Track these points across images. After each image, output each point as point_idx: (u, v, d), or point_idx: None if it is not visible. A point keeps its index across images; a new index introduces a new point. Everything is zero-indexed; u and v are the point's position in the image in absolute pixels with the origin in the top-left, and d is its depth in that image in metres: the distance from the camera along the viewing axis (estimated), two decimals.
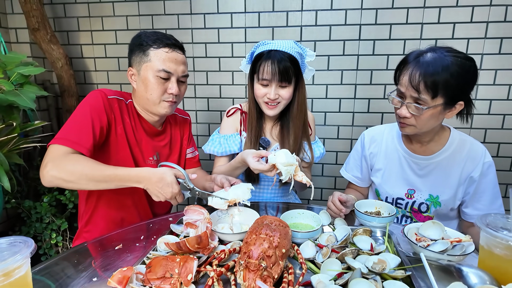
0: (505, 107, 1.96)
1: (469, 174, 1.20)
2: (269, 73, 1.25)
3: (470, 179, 1.21)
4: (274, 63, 1.24)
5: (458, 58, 1.04)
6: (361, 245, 0.91)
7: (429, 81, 1.03)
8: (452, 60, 1.03)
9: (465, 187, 1.22)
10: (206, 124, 2.28)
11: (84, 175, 0.99)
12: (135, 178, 1.02)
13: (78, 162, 1.01)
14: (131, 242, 1.02)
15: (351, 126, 2.14)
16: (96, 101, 1.14)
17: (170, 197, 1.03)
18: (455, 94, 1.06)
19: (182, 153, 1.45)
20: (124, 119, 1.23)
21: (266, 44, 1.29)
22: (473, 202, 1.23)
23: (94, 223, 1.27)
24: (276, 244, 0.79)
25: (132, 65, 1.24)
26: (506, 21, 1.85)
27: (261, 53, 1.28)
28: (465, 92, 1.09)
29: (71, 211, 2.06)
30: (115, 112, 1.20)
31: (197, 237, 0.84)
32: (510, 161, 2.02)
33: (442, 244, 0.86)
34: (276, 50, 1.25)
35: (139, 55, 1.20)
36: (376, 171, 1.37)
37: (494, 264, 0.74)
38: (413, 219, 1.33)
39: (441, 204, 1.25)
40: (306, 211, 1.07)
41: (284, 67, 1.25)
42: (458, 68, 1.03)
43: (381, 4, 1.93)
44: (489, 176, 1.19)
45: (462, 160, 1.21)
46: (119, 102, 1.23)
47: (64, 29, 2.24)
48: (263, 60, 1.27)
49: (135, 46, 1.21)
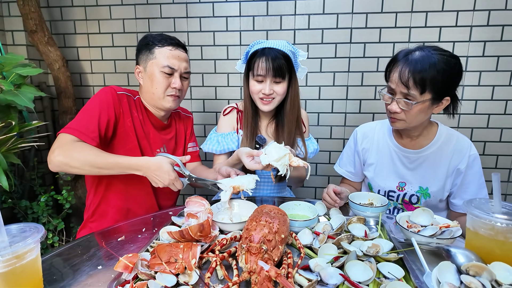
0: (490, 107, 2.04)
1: (456, 166, 1.27)
2: (264, 69, 1.31)
3: (457, 171, 1.27)
4: (269, 59, 1.30)
5: (444, 56, 1.11)
6: (356, 232, 0.95)
7: (417, 78, 1.10)
8: (438, 58, 1.10)
9: (453, 178, 1.28)
10: (202, 125, 2.32)
11: (88, 161, 1.08)
12: (134, 166, 1.11)
13: (83, 149, 1.10)
14: (133, 233, 1.04)
15: (344, 126, 2.20)
16: (105, 96, 1.24)
17: (168, 183, 1.10)
18: (442, 90, 1.12)
19: (186, 147, 1.53)
20: (133, 113, 1.31)
21: (261, 43, 1.35)
22: (460, 193, 1.29)
23: (101, 213, 1.32)
24: (275, 229, 0.82)
25: (139, 63, 1.34)
26: (488, 25, 1.95)
27: (255, 51, 1.34)
28: (451, 88, 1.15)
29: (68, 211, 2.07)
30: (123, 106, 1.28)
31: (199, 225, 0.87)
32: (495, 159, 2.10)
33: (431, 229, 0.92)
34: (270, 47, 1.31)
35: (145, 54, 1.30)
36: (369, 165, 1.43)
37: (480, 244, 0.80)
38: (404, 211, 1.39)
39: (430, 195, 1.31)
40: (302, 202, 1.12)
41: (278, 63, 1.30)
42: (444, 65, 1.10)
43: (371, 9, 2.01)
44: (475, 168, 1.26)
45: (450, 153, 1.28)
46: (128, 98, 1.31)
47: (61, 32, 2.26)
48: (257, 57, 1.32)
49: (142, 46, 1.32)
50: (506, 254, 0.77)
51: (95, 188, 1.32)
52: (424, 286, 0.71)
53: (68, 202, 2.01)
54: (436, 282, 0.70)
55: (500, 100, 2.03)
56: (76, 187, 2.18)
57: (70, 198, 2.02)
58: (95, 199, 1.33)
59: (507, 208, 0.81)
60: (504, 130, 2.06)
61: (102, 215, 1.33)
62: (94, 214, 1.33)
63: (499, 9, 1.92)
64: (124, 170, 1.12)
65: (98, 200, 1.32)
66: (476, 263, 0.71)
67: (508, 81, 2.00)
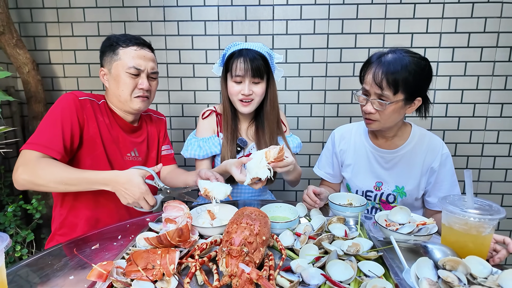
0: (460, 110, 2.14)
1: (430, 165, 1.31)
2: (243, 69, 1.31)
3: (431, 170, 1.31)
4: (247, 60, 1.30)
5: (415, 58, 1.16)
6: (336, 232, 0.96)
7: (390, 78, 1.14)
8: (410, 59, 1.15)
9: (427, 177, 1.32)
10: (180, 130, 2.28)
11: (54, 178, 1.03)
12: (102, 181, 1.05)
13: (48, 166, 1.04)
14: (108, 241, 1.00)
15: (322, 129, 2.23)
16: (67, 105, 1.17)
17: (138, 197, 1.03)
18: (413, 90, 1.17)
19: (159, 151, 1.48)
20: (98, 118, 1.25)
21: (237, 44, 1.35)
22: (435, 191, 1.33)
23: (69, 224, 1.25)
24: (256, 231, 0.81)
25: (103, 65, 1.29)
26: (456, 32, 2.05)
27: (232, 53, 1.34)
28: (422, 88, 1.20)
29: (38, 222, 1.96)
30: (87, 112, 1.22)
31: (178, 230, 0.84)
32: (466, 159, 2.20)
33: (409, 227, 0.94)
34: (247, 49, 1.32)
35: (109, 55, 1.25)
36: (346, 166, 1.45)
37: (455, 238, 0.82)
38: (381, 210, 1.41)
39: (406, 194, 1.34)
40: (283, 204, 1.11)
41: (256, 63, 1.31)
42: (415, 66, 1.14)
43: (347, 15, 2.07)
44: (447, 166, 1.31)
45: (423, 152, 1.32)
46: (91, 103, 1.26)
47: (31, 34, 2.17)
48: (235, 58, 1.32)
49: (106, 47, 1.27)
50: (478, 248, 0.80)
51: (62, 197, 1.25)
52: (403, 282, 0.72)
53: (38, 212, 1.90)
54: (415, 278, 0.71)
55: (468, 103, 2.13)
56: (47, 195, 2.07)
57: (41, 207, 1.91)
58: (63, 210, 1.26)
59: (478, 204, 0.84)
60: (473, 132, 2.16)
61: (71, 226, 1.25)
62: (63, 225, 1.26)
63: (465, 17, 2.02)
64: (92, 185, 1.06)
65: (66, 211, 1.25)
66: (451, 258, 0.73)
67: (475, 85, 2.10)
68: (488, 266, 0.74)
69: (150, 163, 1.43)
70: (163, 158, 1.50)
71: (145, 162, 1.41)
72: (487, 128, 2.16)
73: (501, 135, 2.16)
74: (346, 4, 2.05)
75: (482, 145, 2.18)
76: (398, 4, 2.04)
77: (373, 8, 2.05)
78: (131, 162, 1.34)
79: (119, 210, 1.28)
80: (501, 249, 0.87)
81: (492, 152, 2.18)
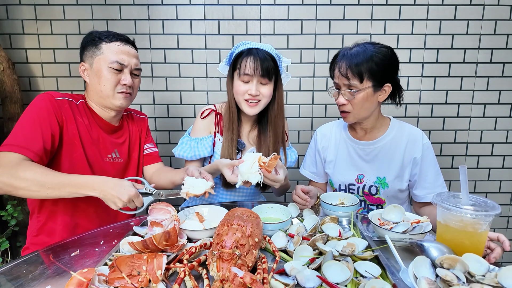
0: (445, 110, 2.17)
1: (412, 156, 1.32)
2: (252, 68, 1.26)
3: (414, 160, 1.32)
4: (257, 59, 1.26)
5: (377, 46, 1.24)
6: (330, 232, 0.93)
7: (353, 67, 1.20)
8: (372, 49, 1.21)
9: (410, 168, 1.33)
10: (166, 132, 2.21)
11: (35, 181, 0.96)
12: (90, 184, 0.99)
13: (29, 168, 0.97)
14: (89, 247, 0.94)
15: (310, 130, 2.22)
16: (44, 104, 1.11)
17: (128, 198, 0.98)
18: (379, 76, 1.21)
19: (141, 150, 1.42)
20: (77, 118, 1.19)
21: (247, 44, 1.32)
22: (421, 182, 1.33)
23: (47, 231, 1.17)
24: (248, 233, 0.78)
25: (84, 60, 1.23)
26: (440, 34, 2.08)
27: (241, 52, 1.30)
28: (388, 74, 1.24)
29: (14, 229, 1.85)
30: (65, 113, 1.16)
31: (164, 233, 0.80)
32: (451, 159, 2.23)
33: (403, 226, 0.92)
34: (257, 48, 1.29)
35: (91, 50, 1.20)
36: (329, 162, 1.47)
37: (451, 236, 0.81)
38: (366, 202, 1.42)
39: (388, 185, 1.35)
40: (275, 204, 1.08)
41: (266, 63, 1.27)
42: (377, 53, 1.21)
43: (334, 16, 2.07)
44: (429, 155, 1.32)
45: (403, 143, 1.34)
46: (69, 103, 1.19)
47: (7, 32, 2.06)
48: (244, 57, 1.28)
49: (88, 42, 1.22)
50: (475, 245, 0.79)
51: (40, 203, 1.18)
52: (400, 282, 0.70)
53: (14, 218, 1.79)
54: (413, 277, 0.69)
55: (453, 103, 2.16)
56: (23, 201, 1.96)
57: (17, 213, 1.80)
58: (41, 216, 1.18)
59: (473, 200, 0.83)
60: (458, 132, 2.19)
61: (48, 233, 1.18)
62: (40, 232, 1.18)
63: (449, 19, 2.06)
64: (77, 190, 0.99)
65: (45, 217, 1.18)
66: (449, 256, 0.72)
67: (459, 86, 2.14)
68: (485, 263, 0.72)
69: (132, 164, 1.37)
70: (147, 157, 1.43)
71: (127, 163, 1.35)
72: (470, 128, 2.20)
73: (484, 135, 2.20)
74: (333, 5, 2.06)
75: (466, 145, 2.22)
76: (384, 6, 2.05)
77: (359, 9, 2.06)
78: (111, 164, 1.28)
79: (100, 214, 1.22)
80: (496, 247, 0.86)
81: (476, 152, 2.22)
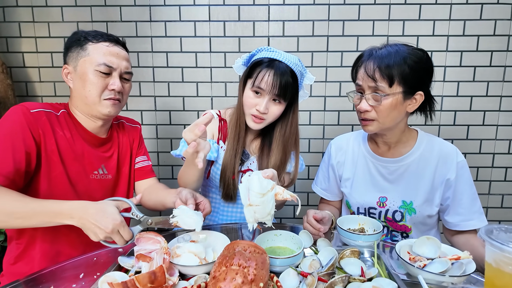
0: (469, 118, 1.99)
1: (444, 177, 1.13)
2: (269, 83, 1.11)
3: (447, 182, 1.13)
4: (277, 74, 1.10)
5: (411, 48, 1.07)
6: (350, 269, 0.78)
7: (383, 67, 1.02)
8: (404, 49, 1.05)
9: (442, 191, 1.15)
10: (168, 139, 2.08)
11: (3, 210, 0.84)
12: (66, 212, 0.85)
13: None
14: (66, 282, 0.80)
15: (322, 139, 2.07)
16: (17, 119, 0.97)
17: (112, 229, 0.83)
18: (412, 82, 1.04)
19: (132, 164, 1.26)
20: (56, 132, 1.05)
21: (271, 51, 1.15)
22: (454, 207, 1.14)
23: (26, 259, 1.04)
24: (252, 277, 0.63)
25: (67, 62, 1.10)
26: (464, 35, 1.91)
27: (261, 60, 1.14)
28: (421, 80, 1.07)
29: None
30: (42, 126, 1.02)
31: (150, 274, 0.65)
32: (476, 171, 2.04)
33: (440, 264, 0.76)
34: (280, 61, 1.12)
35: (76, 51, 1.07)
36: (345, 180, 1.29)
37: (505, 283, 0.64)
38: (389, 228, 1.24)
39: (415, 210, 1.17)
40: (283, 231, 0.92)
41: (285, 81, 1.11)
42: (411, 55, 1.04)
43: (348, 16, 1.92)
44: (465, 176, 1.14)
45: (434, 161, 1.15)
46: (48, 115, 1.05)
47: (3, 35, 1.98)
48: (264, 67, 1.12)
49: (72, 42, 1.08)
50: None
51: (19, 229, 1.05)
52: None
53: (1, 234, 1.68)
54: None
55: (478, 111, 1.98)
56: None
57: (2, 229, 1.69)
58: (20, 243, 1.06)
59: None
60: (483, 142, 2.01)
61: (27, 261, 1.05)
62: (18, 260, 1.05)
63: (474, 19, 1.89)
64: (52, 219, 0.86)
65: (24, 244, 1.05)
66: None
67: (485, 92, 1.96)
68: None
69: (122, 181, 1.22)
70: (138, 171, 1.28)
71: (116, 179, 1.21)
72: (497, 137, 2.01)
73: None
74: (347, 4, 1.91)
75: (492, 156, 2.03)
76: (402, 5, 1.90)
77: (376, 8, 1.91)
78: (98, 181, 1.14)
79: (83, 239, 1.08)
80: None
81: (503, 163, 2.04)
